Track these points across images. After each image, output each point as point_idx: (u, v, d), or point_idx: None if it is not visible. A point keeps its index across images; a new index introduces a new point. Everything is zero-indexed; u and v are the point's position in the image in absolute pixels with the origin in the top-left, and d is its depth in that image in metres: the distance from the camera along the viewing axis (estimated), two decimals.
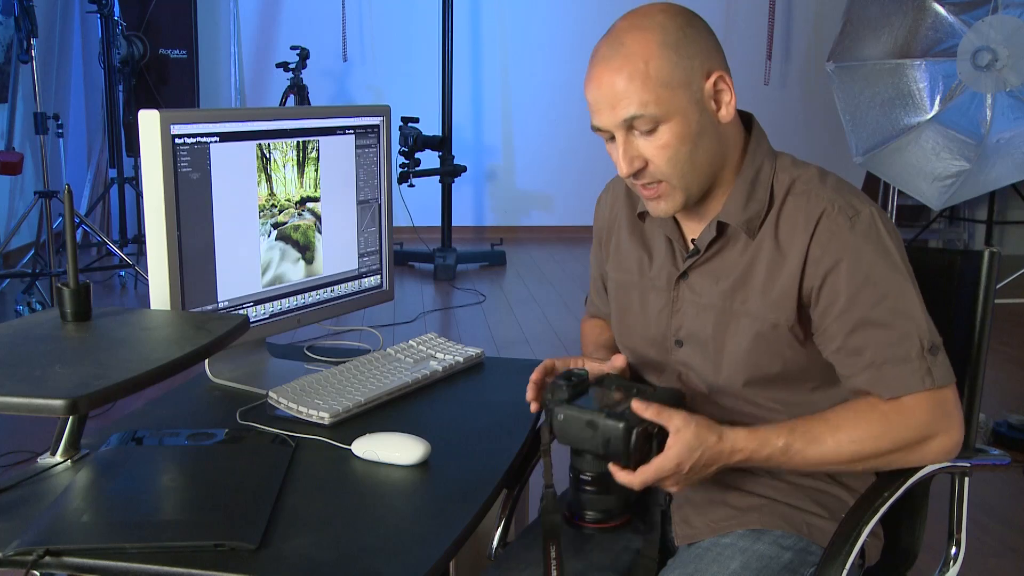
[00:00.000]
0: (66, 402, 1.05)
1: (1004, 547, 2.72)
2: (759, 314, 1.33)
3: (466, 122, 7.22)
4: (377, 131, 1.89)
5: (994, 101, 4.91)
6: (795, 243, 1.31)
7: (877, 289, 1.27)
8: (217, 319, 1.43)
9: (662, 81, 1.25)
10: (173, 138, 1.53)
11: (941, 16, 4.99)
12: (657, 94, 1.25)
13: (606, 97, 1.27)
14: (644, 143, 1.28)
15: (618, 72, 1.26)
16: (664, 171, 1.30)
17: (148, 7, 6.35)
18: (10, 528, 1.16)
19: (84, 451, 1.39)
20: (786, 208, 1.33)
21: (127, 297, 5.45)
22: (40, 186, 4.86)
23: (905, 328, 1.27)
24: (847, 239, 1.28)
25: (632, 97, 1.25)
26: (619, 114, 1.26)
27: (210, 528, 1.16)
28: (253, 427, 1.49)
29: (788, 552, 1.34)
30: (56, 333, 1.31)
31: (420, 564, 1.10)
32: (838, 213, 1.29)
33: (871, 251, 1.28)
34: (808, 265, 1.30)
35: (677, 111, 1.27)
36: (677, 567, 1.36)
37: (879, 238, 1.29)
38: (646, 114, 1.25)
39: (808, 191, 1.33)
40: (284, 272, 1.76)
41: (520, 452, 1.46)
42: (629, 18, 1.30)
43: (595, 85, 1.28)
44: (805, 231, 1.30)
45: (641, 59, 1.25)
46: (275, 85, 6.75)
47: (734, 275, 1.35)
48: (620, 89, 1.26)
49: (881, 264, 1.28)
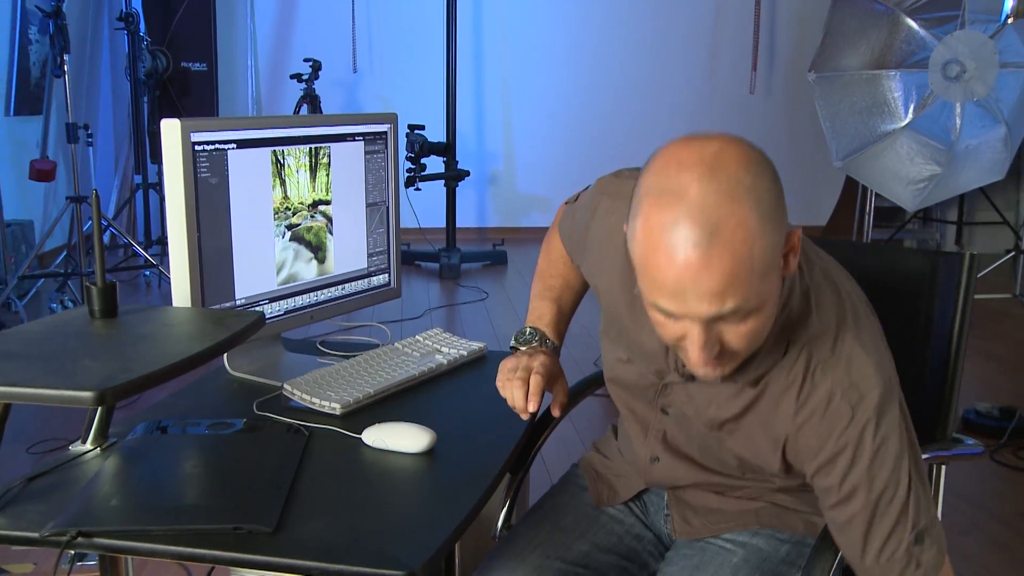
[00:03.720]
0: (94, 394, 1.05)
1: (970, 524, 2.72)
2: (742, 450, 1.25)
3: (469, 129, 7.21)
4: (385, 138, 1.89)
5: (963, 110, 4.92)
6: (785, 420, 1.16)
7: (872, 490, 1.12)
8: (235, 315, 1.43)
9: (763, 271, 1.01)
10: (193, 145, 1.53)
11: (914, 30, 5.00)
12: (758, 287, 1.02)
13: (699, 291, 1.00)
14: (729, 329, 1.05)
15: (718, 266, 0.98)
16: (739, 351, 1.09)
17: (171, 23, 6.35)
18: (45, 511, 1.16)
19: (112, 440, 1.39)
20: (792, 375, 1.15)
21: (152, 295, 5.45)
22: (71, 192, 4.85)
23: (894, 521, 1.12)
24: (845, 434, 1.11)
25: (734, 294, 1.00)
26: (712, 310, 1.01)
27: (229, 512, 1.16)
28: (269, 417, 1.49)
29: (786, 545, 1.33)
30: (85, 329, 1.31)
31: (427, 546, 1.09)
32: (841, 399, 1.11)
33: (869, 450, 1.11)
34: (799, 450, 1.17)
35: (771, 296, 1.06)
36: (681, 559, 1.35)
37: (877, 429, 1.11)
38: (745, 308, 1.02)
39: (816, 364, 1.14)
40: (298, 271, 1.75)
41: (521, 439, 1.45)
42: (707, 179, 0.99)
43: (684, 277, 0.99)
44: (800, 411, 1.15)
45: (746, 250, 0.98)
46: (289, 95, 6.74)
47: (723, 411, 1.22)
48: (718, 286, 0.99)
49: (877, 462, 1.11)
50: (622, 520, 1.47)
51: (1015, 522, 2.76)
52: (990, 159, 5.05)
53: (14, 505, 1.19)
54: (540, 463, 1.69)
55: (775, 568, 1.31)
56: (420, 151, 5.85)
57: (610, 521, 1.46)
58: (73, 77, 4.95)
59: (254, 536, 1.11)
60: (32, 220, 5.68)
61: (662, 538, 1.47)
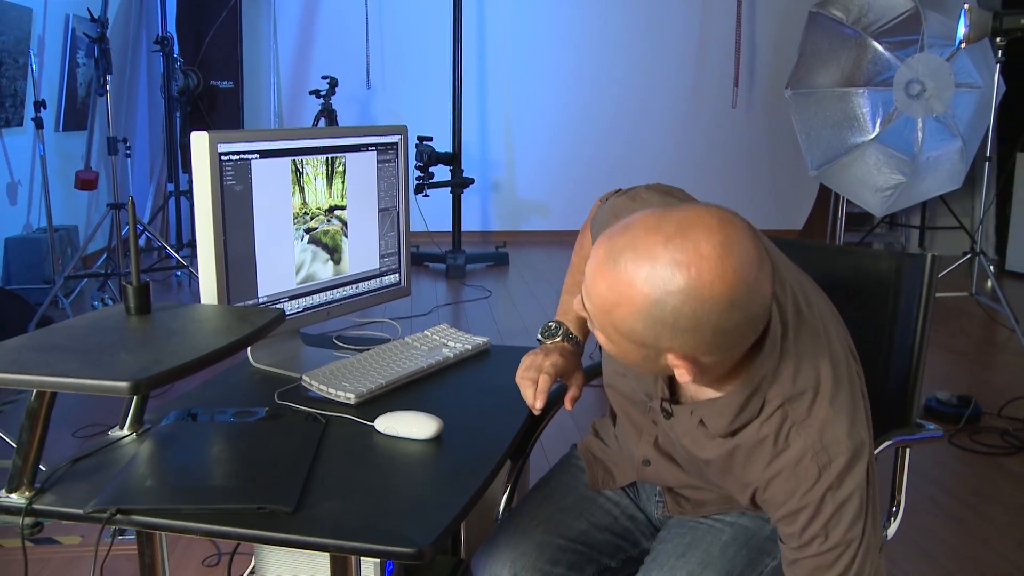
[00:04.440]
0: (130, 384, 1.05)
1: (931, 502, 2.72)
2: (719, 480, 1.22)
3: (473, 140, 7.21)
4: (396, 148, 1.88)
5: (924, 125, 4.93)
6: (756, 470, 1.12)
7: (826, 543, 1.08)
8: (258, 312, 1.42)
9: (620, 329, 0.99)
10: (220, 155, 1.52)
11: (879, 52, 5.00)
12: (610, 335, 1.01)
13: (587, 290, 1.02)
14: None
15: (594, 289, 0.99)
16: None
17: (202, 45, 6.34)
18: (88, 489, 1.17)
19: (147, 426, 1.39)
20: (766, 430, 1.10)
21: (183, 293, 5.44)
22: (111, 199, 4.85)
23: (840, 570, 1.08)
24: (810, 494, 1.07)
25: (594, 319, 1.02)
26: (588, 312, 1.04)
27: (253, 493, 1.15)
28: (289, 406, 1.49)
29: (769, 524, 1.32)
30: (122, 325, 1.30)
31: (435, 525, 1.09)
32: (810, 461, 1.07)
33: (830, 509, 1.07)
34: (765, 499, 1.14)
35: (623, 354, 1.03)
36: (673, 536, 1.34)
37: (839, 492, 1.07)
38: (604, 335, 1.03)
39: (790, 425, 1.09)
40: (315, 271, 1.75)
41: (522, 428, 1.45)
42: (669, 241, 0.93)
43: (591, 271, 1.00)
44: (770, 464, 1.10)
45: (614, 302, 0.97)
46: (308, 109, 6.74)
47: (697, 451, 1.19)
48: (589, 306, 1.02)
49: (833, 521, 1.08)
50: (617, 502, 1.46)
51: (970, 499, 2.76)
52: (948, 170, 5.06)
53: (61, 483, 1.20)
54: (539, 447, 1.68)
55: (760, 544, 1.31)
56: (428, 160, 5.85)
57: (607, 502, 1.46)
58: (114, 95, 4.96)
59: (276, 515, 1.10)
60: (77, 225, 5.68)
61: (652, 520, 1.46)
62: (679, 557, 1.29)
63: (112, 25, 5.05)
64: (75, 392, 1.05)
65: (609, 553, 1.41)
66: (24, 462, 1.16)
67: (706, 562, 1.27)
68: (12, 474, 1.16)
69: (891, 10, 4.98)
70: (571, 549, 1.38)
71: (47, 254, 4.99)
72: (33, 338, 1.22)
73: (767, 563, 1.29)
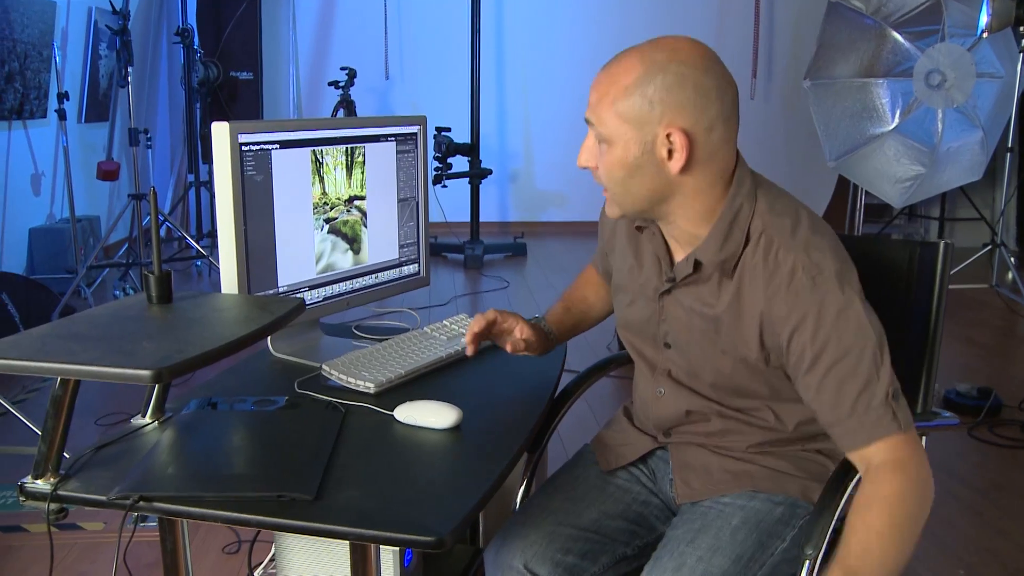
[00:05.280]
0: (152, 372, 1.05)
1: (949, 494, 2.70)
2: (729, 347, 1.28)
3: (492, 131, 7.19)
4: (415, 139, 1.88)
5: (944, 115, 4.88)
6: (758, 296, 1.22)
7: (840, 345, 1.16)
8: (278, 302, 1.42)
9: (619, 112, 1.19)
10: (240, 146, 1.52)
11: (899, 42, 4.95)
12: (611, 120, 1.20)
13: (589, 96, 1.25)
14: (598, 149, 1.25)
15: (599, 83, 1.22)
16: (603, 181, 1.27)
17: (222, 37, 6.37)
18: (112, 476, 1.18)
19: (168, 414, 1.39)
20: (756, 256, 1.22)
21: (202, 283, 5.47)
22: (132, 189, 4.88)
23: (867, 378, 1.15)
24: (809, 298, 1.17)
25: (597, 106, 1.22)
26: (586, 113, 1.24)
27: (273, 481, 1.16)
28: (309, 395, 1.49)
29: (780, 507, 1.33)
30: (143, 314, 1.31)
31: (454, 515, 1.09)
32: (802, 272, 1.18)
33: (833, 310, 1.16)
34: (773, 321, 1.21)
35: (620, 140, 1.20)
36: (684, 523, 1.34)
37: (835, 296, 1.17)
38: (597, 128, 1.22)
39: (777, 246, 1.21)
40: (335, 261, 1.75)
41: (539, 419, 1.44)
42: (650, 41, 1.23)
43: (593, 81, 1.25)
44: (768, 286, 1.20)
45: (616, 85, 1.19)
46: (327, 100, 6.75)
47: (708, 310, 1.29)
48: (593, 95, 1.23)
49: (842, 321, 1.16)
50: (628, 489, 1.47)
51: (990, 492, 2.73)
52: (969, 161, 5.01)
53: (85, 470, 1.20)
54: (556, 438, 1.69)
55: (770, 527, 1.30)
56: (447, 151, 5.84)
57: (617, 491, 1.46)
58: (135, 87, 4.99)
59: (296, 503, 1.11)
60: (99, 216, 5.72)
61: (669, 504, 1.46)
62: (688, 543, 1.28)
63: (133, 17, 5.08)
64: (98, 380, 1.06)
65: (623, 540, 1.41)
66: (49, 449, 1.16)
67: (716, 547, 1.27)
68: (37, 461, 1.17)
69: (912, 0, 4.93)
70: (583, 538, 1.38)
71: (70, 244, 5.03)
72: (57, 327, 1.22)
73: (777, 546, 1.29)
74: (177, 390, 1.46)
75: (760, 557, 1.27)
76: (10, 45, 4.74)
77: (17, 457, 2.92)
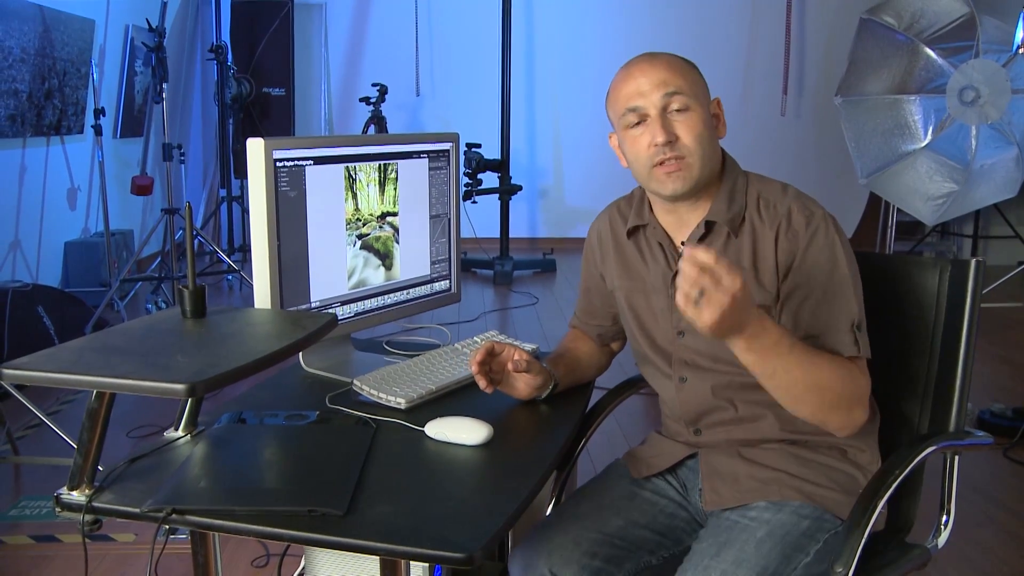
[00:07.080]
0: (186, 386, 1.06)
1: (986, 517, 2.65)
2: (750, 298, 1.26)
3: (522, 147, 7.21)
4: (448, 156, 1.89)
5: (978, 132, 4.82)
6: (767, 240, 1.36)
7: (822, 271, 1.33)
8: (310, 317, 1.43)
9: (694, 79, 1.38)
10: (275, 162, 1.54)
11: (932, 59, 4.91)
12: (692, 83, 1.37)
13: (650, 80, 1.36)
14: (677, 120, 1.35)
15: (664, 65, 1.37)
16: (689, 147, 1.35)
17: (255, 53, 6.44)
18: (145, 489, 1.18)
19: (200, 427, 1.40)
20: (757, 213, 1.38)
21: (234, 297, 5.52)
22: (166, 204, 4.94)
23: (840, 304, 1.32)
24: (804, 234, 1.34)
25: (675, 79, 1.35)
26: (662, 89, 1.35)
27: (304, 496, 1.16)
28: (340, 410, 1.49)
29: (806, 520, 1.32)
30: (177, 328, 1.32)
31: (483, 532, 1.08)
32: (798, 213, 1.35)
33: (821, 242, 1.33)
34: (782, 259, 1.35)
35: (702, 103, 1.37)
36: (710, 536, 1.34)
37: (827, 232, 1.34)
38: (685, 93, 1.35)
39: (774, 200, 1.38)
40: (367, 277, 1.76)
41: (569, 436, 1.44)
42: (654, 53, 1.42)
43: (638, 73, 1.38)
44: (772, 229, 1.36)
45: (681, 61, 1.40)
46: (358, 116, 6.80)
47: None
48: (664, 75, 1.36)
49: (827, 252, 1.33)
50: (656, 501, 1.47)
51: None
52: (1003, 178, 4.95)
53: (118, 483, 1.21)
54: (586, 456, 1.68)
55: (796, 541, 1.30)
56: (477, 167, 5.86)
57: (645, 501, 1.47)
58: (169, 103, 5.05)
59: (327, 518, 1.11)
60: (132, 229, 5.80)
61: (697, 517, 1.46)
62: (713, 556, 1.28)
63: (169, 34, 5.15)
64: (133, 393, 1.07)
65: (649, 549, 1.42)
66: (84, 461, 1.18)
67: (740, 560, 1.27)
68: (73, 472, 1.18)
69: (945, 16, 4.89)
70: (608, 543, 1.39)
71: (104, 258, 5.09)
72: (93, 340, 1.24)
73: (800, 559, 1.29)
74: (209, 404, 1.47)
75: (784, 571, 1.27)
76: (50, 63, 4.83)
77: (48, 468, 2.95)
